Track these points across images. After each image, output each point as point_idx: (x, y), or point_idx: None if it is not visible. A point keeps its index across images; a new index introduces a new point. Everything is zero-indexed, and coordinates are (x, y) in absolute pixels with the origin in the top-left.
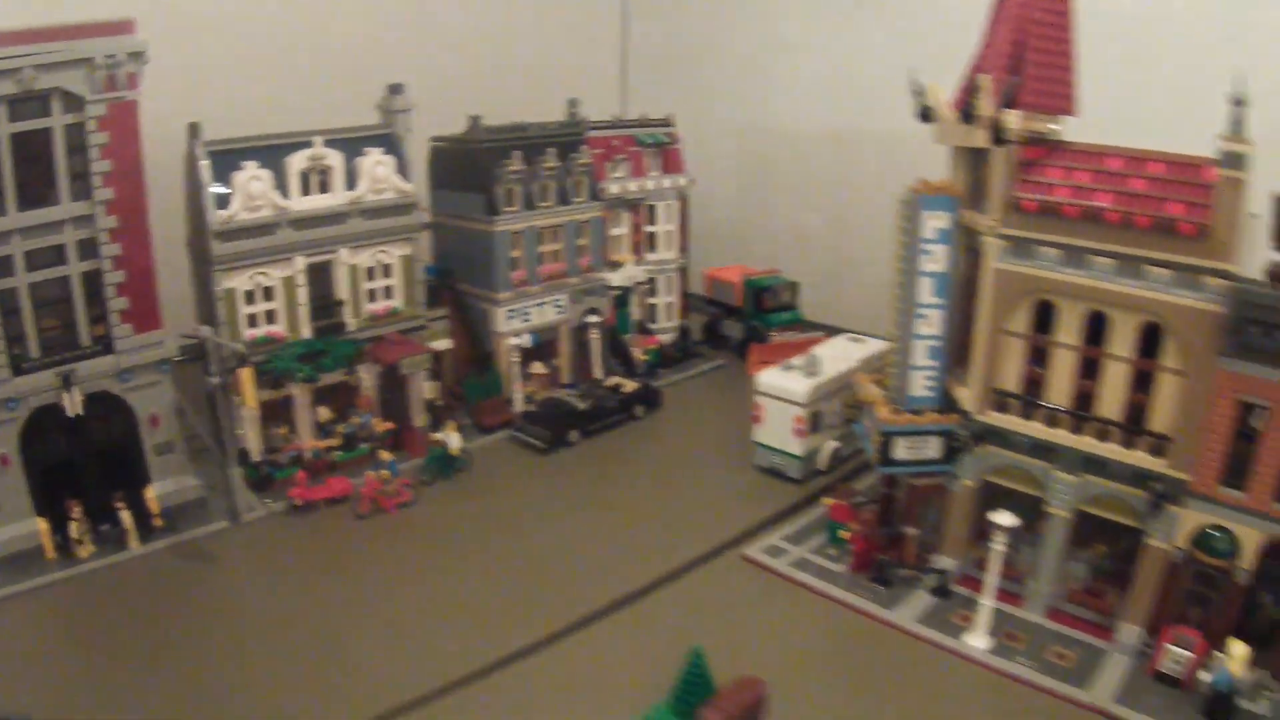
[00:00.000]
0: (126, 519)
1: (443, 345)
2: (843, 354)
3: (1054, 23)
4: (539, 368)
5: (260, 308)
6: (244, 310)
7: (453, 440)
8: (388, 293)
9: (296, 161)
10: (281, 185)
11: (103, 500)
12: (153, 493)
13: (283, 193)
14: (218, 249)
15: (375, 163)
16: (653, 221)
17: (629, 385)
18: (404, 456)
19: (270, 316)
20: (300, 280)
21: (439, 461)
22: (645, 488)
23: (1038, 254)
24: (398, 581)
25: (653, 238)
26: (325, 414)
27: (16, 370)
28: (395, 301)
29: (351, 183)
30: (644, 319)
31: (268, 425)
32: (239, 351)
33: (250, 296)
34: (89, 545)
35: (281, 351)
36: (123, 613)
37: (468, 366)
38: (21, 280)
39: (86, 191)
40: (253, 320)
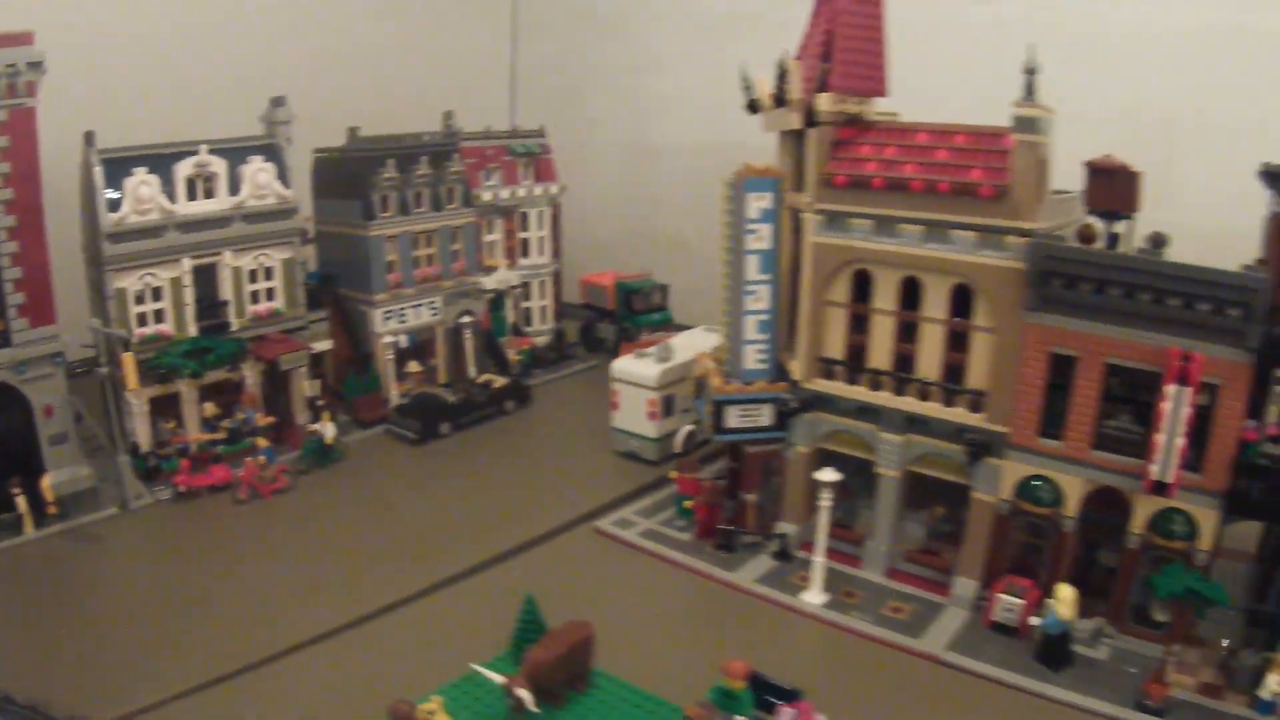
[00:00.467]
0: (22, 505)
1: (323, 346)
2: (697, 342)
3: (864, 12)
4: (415, 366)
5: (149, 307)
6: (134, 309)
7: (328, 430)
8: (270, 294)
9: (183, 168)
10: (169, 190)
11: None
12: (48, 481)
13: (170, 197)
14: (109, 250)
15: (257, 170)
16: (525, 228)
17: (499, 381)
18: (284, 450)
19: (159, 315)
20: (187, 281)
21: (315, 451)
22: (509, 472)
23: (851, 226)
24: (272, 557)
25: (526, 243)
26: (211, 409)
27: None
28: (277, 303)
29: (235, 189)
30: (518, 321)
31: (157, 419)
32: (121, 336)
33: (140, 296)
34: None
35: (169, 349)
36: (18, 592)
37: (348, 366)
38: None
39: None
40: (142, 319)
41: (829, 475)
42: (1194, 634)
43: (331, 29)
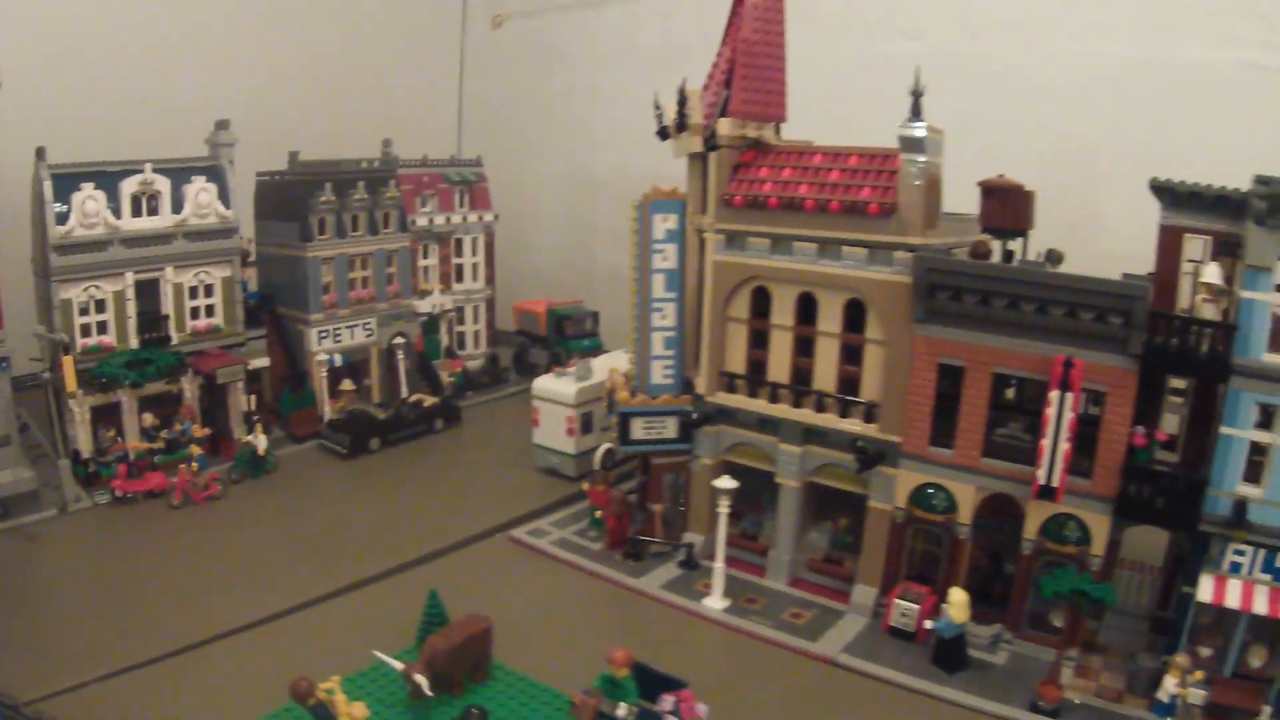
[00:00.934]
0: None
1: (261, 362)
2: (618, 363)
3: (766, 41)
4: (348, 385)
5: (93, 318)
6: (79, 320)
7: (260, 441)
8: (209, 310)
9: (129, 185)
10: (115, 206)
11: None
12: None
13: (116, 213)
14: (56, 261)
15: (200, 190)
16: (460, 254)
17: (429, 400)
18: (219, 461)
19: (102, 327)
20: (129, 294)
21: (248, 461)
22: (432, 486)
23: (749, 245)
24: (200, 558)
25: (460, 269)
26: (150, 419)
27: None
28: (216, 319)
29: (178, 207)
30: (452, 345)
31: (98, 427)
32: (62, 340)
33: (84, 308)
34: None
35: (111, 359)
36: None
37: (285, 383)
38: None
39: None
40: (86, 330)
41: (726, 483)
42: (1095, 640)
43: (281, 58)
